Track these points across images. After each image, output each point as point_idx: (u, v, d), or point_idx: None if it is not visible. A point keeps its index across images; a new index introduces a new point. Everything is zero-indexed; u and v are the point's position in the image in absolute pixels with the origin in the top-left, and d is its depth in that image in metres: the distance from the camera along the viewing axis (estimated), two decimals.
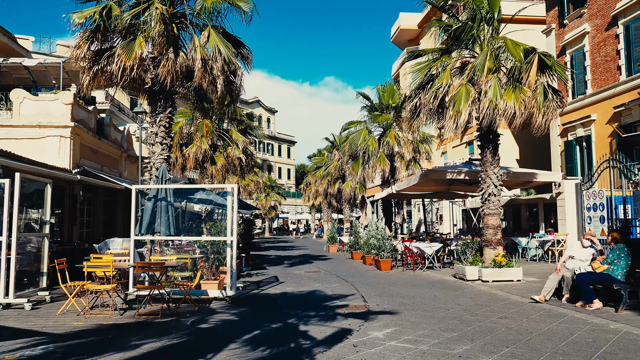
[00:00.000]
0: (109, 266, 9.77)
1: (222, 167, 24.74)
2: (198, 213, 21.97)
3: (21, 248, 11.14)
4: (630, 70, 20.29)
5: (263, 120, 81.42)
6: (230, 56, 13.63)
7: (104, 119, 21.63)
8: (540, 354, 6.32)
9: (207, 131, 23.89)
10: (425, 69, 15.65)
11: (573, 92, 23.99)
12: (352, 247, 24.00)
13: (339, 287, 13.46)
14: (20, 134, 17.07)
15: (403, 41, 45.43)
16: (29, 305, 10.01)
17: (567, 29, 24.40)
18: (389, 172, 25.91)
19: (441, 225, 36.01)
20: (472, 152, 31.24)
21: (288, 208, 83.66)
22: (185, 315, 9.41)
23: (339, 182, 43.77)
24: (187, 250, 14.33)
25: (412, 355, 6.36)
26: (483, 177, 15.07)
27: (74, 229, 18.47)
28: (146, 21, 13.05)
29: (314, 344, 7.01)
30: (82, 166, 17.85)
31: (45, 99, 17.83)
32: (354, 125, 27.82)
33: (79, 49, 13.28)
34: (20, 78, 22.00)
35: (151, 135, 14.27)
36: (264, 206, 62.34)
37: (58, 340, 7.38)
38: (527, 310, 9.54)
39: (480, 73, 14.05)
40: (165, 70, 13.03)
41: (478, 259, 14.48)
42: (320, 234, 55.21)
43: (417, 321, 8.58)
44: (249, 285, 13.80)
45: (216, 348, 6.81)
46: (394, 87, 26.52)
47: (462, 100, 14.03)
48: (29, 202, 12.16)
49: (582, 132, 23.11)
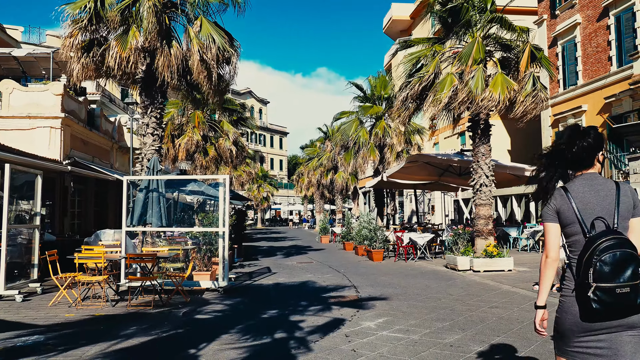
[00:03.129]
0: (101, 257, 9.75)
1: (213, 158, 24.70)
2: (190, 204, 21.94)
3: (11, 240, 11.08)
4: (621, 61, 20.38)
5: (255, 111, 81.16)
6: (224, 44, 13.53)
7: (94, 110, 21.47)
8: (531, 343, 6.36)
9: (198, 122, 23.82)
10: (415, 59, 15.68)
11: (564, 83, 24.07)
12: (344, 238, 24.05)
13: (331, 277, 13.50)
14: (10, 125, 16.91)
15: (395, 32, 45.32)
16: (20, 297, 9.97)
17: (558, 19, 24.44)
18: (379, 163, 25.95)
19: (433, 215, 36.15)
20: (464, 143, 31.32)
21: (280, 199, 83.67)
22: (177, 306, 9.40)
23: (332, 173, 43.77)
24: (179, 242, 14.33)
25: (403, 344, 6.40)
26: (475, 167, 15.10)
27: (64, 221, 18.37)
28: (138, 12, 12.96)
29: (306, 334, 7.02)
30: (72, 157, 17.73)
31: (35, 89, 17.67)
32: (346, 115, 27.81)
33: (72, 38, 13.10)
34: (9, 68, 21.79)
35: (142, 126, 14.20)
36: (256, 197, 62.33)
37: (49, 331, 7.36)
38: (518, 299, 9.60)
39: (466, 63, 14.11)
40: (158, 61, 12.95)
41: (469, 249, 14.55)
42: (313, 225, 55.26)
43: (409, 311, 8.62)
44: (242, 276, 13.81)
45: (208, 338, 6.82)
46: (385, 78, 26.51)
47: (444, 89, 14.12)
48: (19, 194, 12.07)
49: (573, 122, 23.20)
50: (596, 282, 2.69)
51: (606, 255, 2.69)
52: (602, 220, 2.87)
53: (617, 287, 2.66)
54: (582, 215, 2.90)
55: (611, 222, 2.87)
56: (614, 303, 2.68)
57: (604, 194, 2.94)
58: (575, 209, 2.91)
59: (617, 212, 2.89)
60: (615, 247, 2.70)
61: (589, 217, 2.89)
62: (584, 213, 2.90)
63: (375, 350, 6.14)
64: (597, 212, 2.89)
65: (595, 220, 2.87)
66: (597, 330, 2.78)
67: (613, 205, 2.90)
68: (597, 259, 2.70)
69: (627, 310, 2.72)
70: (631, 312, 2.73)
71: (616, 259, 2.68)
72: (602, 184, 2.97)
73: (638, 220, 2.94)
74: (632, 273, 2.67)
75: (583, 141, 3.00)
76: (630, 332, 2.76)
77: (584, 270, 2.76)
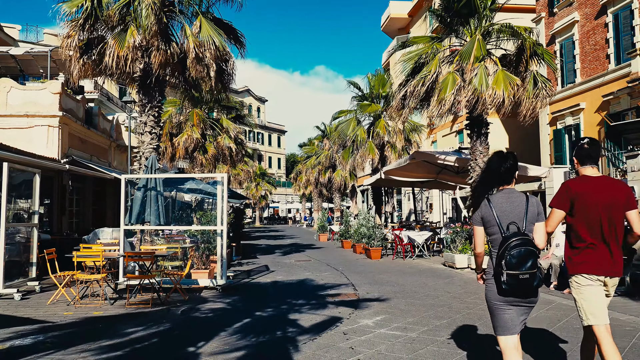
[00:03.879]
0: (99, 256, 9.76)
1: (212, 156, 24.70)
2: (188, 202, 21.95)
3: (10, 238, 11.08)
4: (619, 58, 20.38)
5: (253, 110, 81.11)
6: (222, 43, 13.53)
7: (92, 109, 21.45)
8: (530, 341, 6.38)
9: (197, 120, 23.81)
10: (415, 57, 15.61)
11: (562, 81, 24.07)
12: (343, 236, 24.07)
13: (329, 275, 13.51)
14: (7, 124, 16.89)
15: (393, 30, 45.29)
16: (18, 296, 9.97)
17: (556, 17, 24.44)
18: (378, 161, 25.94)
19: (431, 213, 36.14)
20: (462, 141, 31.30)
21: (278, 197, 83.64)
22: (175, 304, 9.42)
23: (330, 171, 43.76)
24: (177, 240, 14.32)
25: (401, 342, 6.42)
26: (472, 165, 15.11)
27: (63, 219, 18.37)
28: (136, 10, 12.95)
29: (304, 332, 7.04)
30: (70, 156, 17.72)
31: (33, 88, 17.65)
32: (344, 114, 27.81)
33: (70, 38, 13.11)
34: (7, 67, 21.76)
35: (140, 124, 14.18)
36: (255, 195, 62.27)
37: (48, 330, 7.37)
38: None
39: (467, 61, 14.07)
40: (156, 60, 12.93)
41: (467, 247, 14.58)
42: (311, 223, 55.27)
43: (407, 309, 8.64)
44: (240, 275, 13.83)
45: (207, 336, 6.83)
46: (384, 76, 26.50)
47: (447, 89, 14.04)
48: (18, 192, 12.07)
49: (571, 120, 23.21)
50: (506, 269, 3.76)
51: (514, 251, 3.74)
52: (514, 224, 3.88)
53: (520, 274, 3.74)
54: (500, 220, 3.93)
55: (521, 225, 3.89)
56: (517, 285, 3.78)
57: (516, 204, 3.97)
58: (495, 215, 3.95)
59: (525, 218, 3.92)
60: (521, 245, 3.74)
61: (505, 221, 3.92)
62: (502, 218, 3.94)
63: (373, 348, 6.16)
64: (511, 218, 3.92)
65: (509, 224, 3.89)
66: (508, 302, 3.90)
67: (523, 213, 3.93)
68: (507, 253, 3.75)
69: (527, 291, 3.84)
70: (531, 294, 3.88)
71: (521, 254, 3.73)
72: (517, 197, 4.01)
73: (540, 224, 3.98)
74: (531, 264, 3.74)
75: (506, 164, 4.06)
76: (524, 304, 3.91)
77: (498, 261, 3.83)
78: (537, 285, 3.83)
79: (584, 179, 4.24)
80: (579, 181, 4.24)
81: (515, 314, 3.93)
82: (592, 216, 4.12)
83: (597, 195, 4.13)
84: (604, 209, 4.10)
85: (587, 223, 4.14)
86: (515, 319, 3.93)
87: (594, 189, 4.15)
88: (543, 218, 4.01)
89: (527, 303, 3.93)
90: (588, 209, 4.13)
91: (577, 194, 4.15)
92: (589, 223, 4.13)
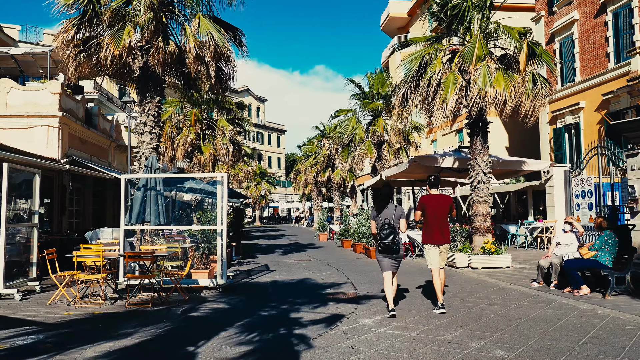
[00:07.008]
0: (99, 256, 9.77)
1: (211, 156, 24.68)
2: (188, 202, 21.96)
3: (10, 238, 11.08)
4: (619, 57, 20.40)
5: (253, 109, 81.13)
6: (223, 40, 13.39)
7: (92, 109, 21.44)
8: (529, 339, 6.39)
9: (195, 120, 23.81)
10: (418, 58, 15.48)
11: (562, 80, 24.09)
12: (342, 236, 24.06)
13: (329, 275, 13.52)
14: (7, 124, 16.89)
15: (393, 29, 45.33)
16: (18, 296, 9.98)
17: (556, 16, 24.46)
18: (376, 160, 25.92)
19: None
20: (462, 140, 31.30)
21: (278, 197, 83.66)
22: (176, 304, 9.42)
23: (329, 171, 43.70)
24: (178, 240, 14.32)
25: (401, 341, 6.42)
26: (472, 164, 15.11)
27: (63, 219, 18.36)
28: (135, 9, 12.92)
29: (304, 332, 7.04)
30: (70, 156, 17.71)
31: (32, 88, 17.63)
32: (344, 113, 27.74)
33: (66, 33, 12.97)
34: (6, 67, 21.75)
35: (140, 124, 14.15)
36: (254, 195, 62.28)
37: (48, 329, 7.37)
38: (516, 296, 9.63)
39: (470, 61, 14.04)
40: (154, 59, 12.89)
41: (467, 246, 14.58)
42: (311, 223, 55.24)
43: (407, 308, 8.65)
44: (240, 274, 13.82)
45: (207, 336, 6.83)
46: (383, 75, 26.45)
47: (450, 88, 13.98)
48: (18, 193, 12.05)
49: (571, 119, 23.23)
50: (380, 240, 7.95)
51: (385, 231, 7.90)
52: (388, 219, 7.99)
53: (387, 242, 7.88)
54: (381, 217, 8.09)
55: (391, 220, 7.99)
56: (386, 248, 7.95)
57: (391, 209, 8.10)
58: (379, 214, 8.13)
59: (394, 216, 8.03)
60: (388, 229, 7.91)
61: (383, 217, 8.05)
62: (382, 216, 8.08)
63: (373, 347, 6.16)
64: (387, 216, 8.04)
65: (385, 219, 8.01)
66: (384, 255, 8.07)
67: (393, 214, 8.05)
68: (382, 232, 7.94)
69: (392, 251, 7.96)
70: (394, 253, 7.98)
71: (387, 232, 7.89)
72: (390, 207, 8.15)
73: (402, 220, 8.09)
74: (392, 237, 7.87)
75: (385, 190, 8.42)
76: (392, 258, 8.07)
77: (379, 236, 7.95)
78: (397, 249, 7.96)
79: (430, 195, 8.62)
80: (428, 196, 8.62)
81: (387, 262, 8.05)
82: (432, 213, 8.42)
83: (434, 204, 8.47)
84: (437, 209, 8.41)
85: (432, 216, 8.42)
86: (388, 265, 8.06)
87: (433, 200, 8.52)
88: (404, 217, 8.15)
89: (393, 258, 8.05)
90: (430, 210, 8.44)
91: (425, 203, 8.50)
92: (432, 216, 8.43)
